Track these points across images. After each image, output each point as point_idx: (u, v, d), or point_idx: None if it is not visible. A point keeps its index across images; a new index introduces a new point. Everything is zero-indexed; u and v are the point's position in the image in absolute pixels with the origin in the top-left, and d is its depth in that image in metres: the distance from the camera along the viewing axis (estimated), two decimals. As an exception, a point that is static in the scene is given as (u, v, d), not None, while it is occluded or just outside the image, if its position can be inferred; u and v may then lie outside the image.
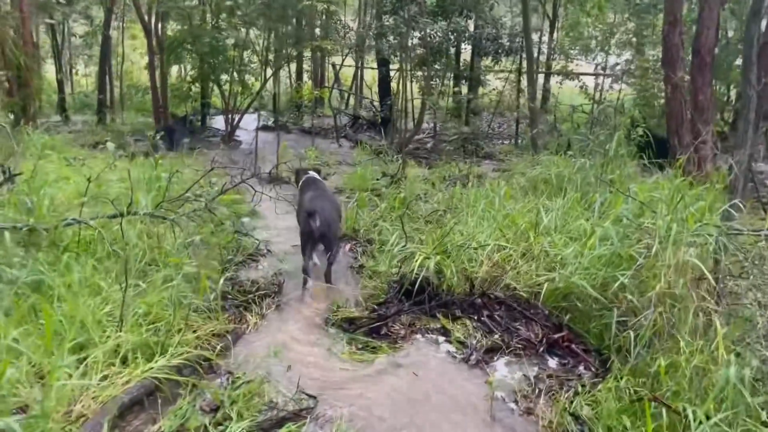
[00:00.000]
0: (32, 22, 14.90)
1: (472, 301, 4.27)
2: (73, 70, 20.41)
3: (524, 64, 13.20)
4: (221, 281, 4.29)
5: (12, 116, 10.78)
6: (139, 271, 4.20)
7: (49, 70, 17.61)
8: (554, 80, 14.94)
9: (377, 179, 7.47)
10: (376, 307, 4.38)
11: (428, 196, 6.98)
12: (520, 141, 12.35)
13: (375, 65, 16.05)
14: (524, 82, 13.15)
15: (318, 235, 4.83)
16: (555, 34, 15.90)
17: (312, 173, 5.92)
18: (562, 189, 5.84)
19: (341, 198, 7.28)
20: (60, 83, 16.30)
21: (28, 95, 10.55)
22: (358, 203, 6.31)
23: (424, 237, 5.28)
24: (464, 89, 13.89)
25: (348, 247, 5.72)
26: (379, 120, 14.77)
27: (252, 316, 4.28)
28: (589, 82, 13.51)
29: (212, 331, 3.90)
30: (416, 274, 4.32)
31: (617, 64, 13.38)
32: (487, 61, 13.64)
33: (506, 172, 9.42)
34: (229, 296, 4.51)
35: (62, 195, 6.01)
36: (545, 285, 4.12)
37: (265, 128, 15.31)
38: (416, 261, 4.33)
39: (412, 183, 7.06)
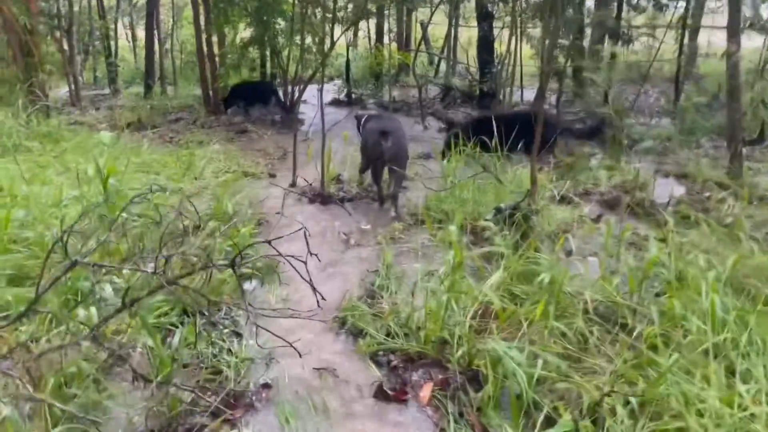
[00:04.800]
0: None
1: None
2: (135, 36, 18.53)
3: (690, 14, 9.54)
4: None
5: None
6: None
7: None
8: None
9: (487, 217, 4.19)
10: None
11: (574, 241, 3.89)
12: (677, 120, 8.66)
13: (473, 23, 12.75)
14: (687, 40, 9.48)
15: (388, 157, 4.85)
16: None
17: (373, 112, 5.94)
18: None
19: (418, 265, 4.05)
20: (109, 50, 14.29)
21: (32, 65, 8.28)
22: (447, 285, 3.15)
23: (604, 390, 2.26)
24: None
25: (425, 395, 2.70)
26: (477, 92, 11.54)
27: None
28: None
29: None
30: None
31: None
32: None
33: (689, 181, 6.03)
34: None
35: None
36: None
37: (336, 103, 12.52)
38: None
39: (546, 220, 3.89)
